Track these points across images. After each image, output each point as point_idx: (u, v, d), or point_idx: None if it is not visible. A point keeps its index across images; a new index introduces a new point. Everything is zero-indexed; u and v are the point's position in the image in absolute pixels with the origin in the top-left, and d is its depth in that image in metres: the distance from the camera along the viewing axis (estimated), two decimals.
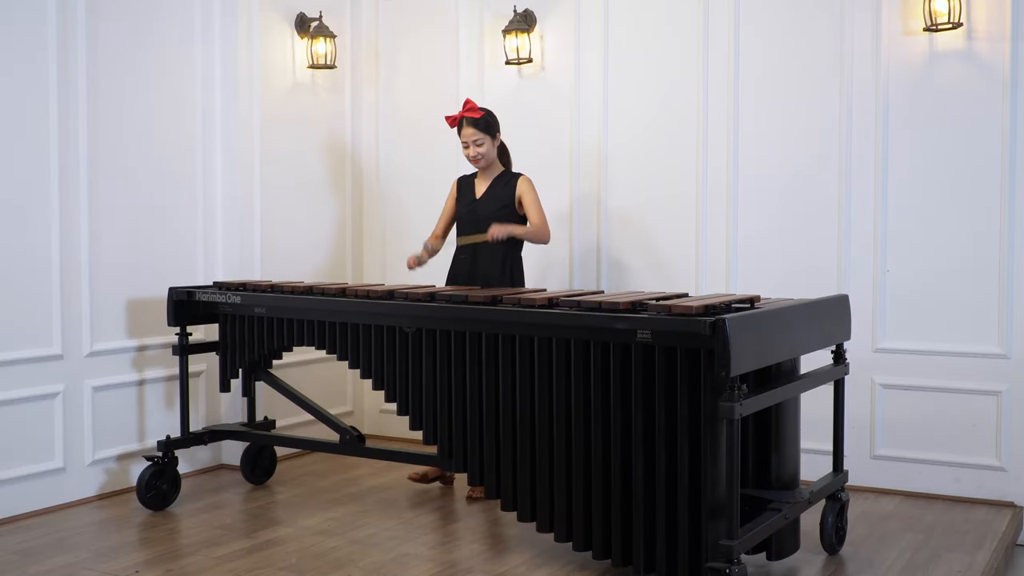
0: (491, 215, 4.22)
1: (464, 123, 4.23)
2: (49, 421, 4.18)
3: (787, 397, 3.23)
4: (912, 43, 4.24)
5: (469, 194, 4.34)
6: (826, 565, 3.43)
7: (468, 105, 4.25)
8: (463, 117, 4.23)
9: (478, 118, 4.21)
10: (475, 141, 4.22)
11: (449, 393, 3.57)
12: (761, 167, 4.57)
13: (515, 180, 4.27)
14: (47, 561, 3.52)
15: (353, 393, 5.58)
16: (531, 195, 4.24)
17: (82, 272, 4.29)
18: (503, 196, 4.25)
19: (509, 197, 4.24)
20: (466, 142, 4.24)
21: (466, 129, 4.22)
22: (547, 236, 4.25)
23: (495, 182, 4.30)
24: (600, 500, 3.16)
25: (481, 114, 4.22)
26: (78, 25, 4.24)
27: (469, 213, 4.29)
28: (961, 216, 4.18)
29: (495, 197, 4.26)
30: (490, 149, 4.26)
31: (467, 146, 4.25)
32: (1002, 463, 4.12)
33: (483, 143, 4.22)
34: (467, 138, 4.23)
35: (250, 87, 4.90)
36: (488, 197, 4.28)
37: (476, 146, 4.22)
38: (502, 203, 4.24)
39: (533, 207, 4.23)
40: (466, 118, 4.22)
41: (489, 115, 4.26)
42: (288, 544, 3.69)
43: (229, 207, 4.88)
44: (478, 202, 4.29)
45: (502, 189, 4.27)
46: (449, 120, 4.29)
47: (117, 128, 4.43)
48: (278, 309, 4.08)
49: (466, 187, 4.38)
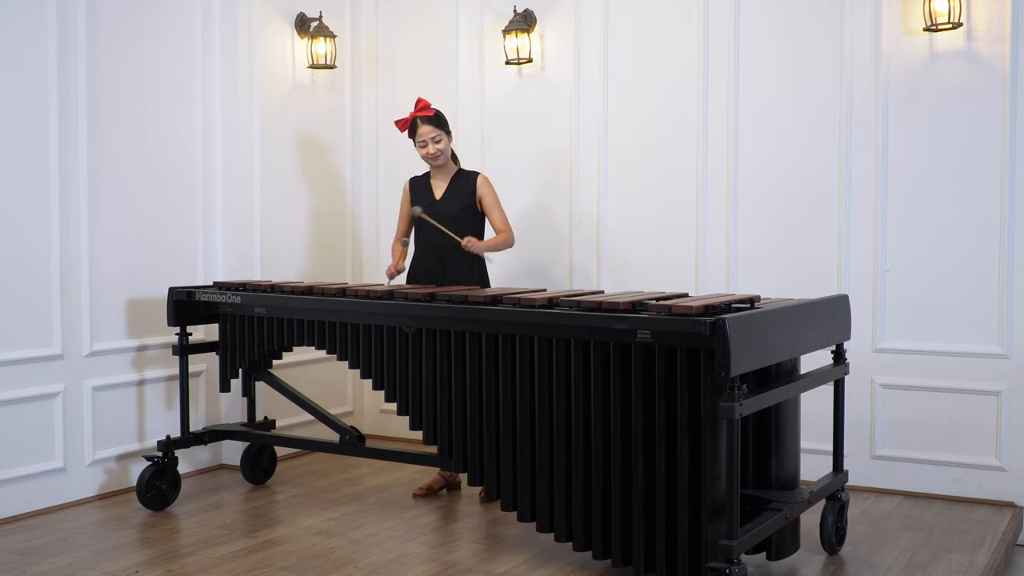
0: (454, 215, 4.20)
1: (419, 122, 4.20)
2: (49, 421, 4.18)
3: (787, 397, 3.23)
4: (912, 43, 4.24)
5: (427, 195, 4.30)
6: (826, 565, 3.43)
7: (420, 104, 4.23)
8: (416, 117, 4.21)
9: (432, 115, 4.19)
10: (433, 138, 4.19)
11: (449, 393, 3.57)
12: (761, 166, 4.57)
13: (474, 179, 4.26)
14: (47, 561, 3.52)
15: (353, 393, 5.58)
16: (492, 196, 4.25)
17: (82, 272, 4.29)
18: (464, 196, 4.24)
19: (470, 196, 4.24)
20: (424, 141, 4.20)
21: (423, 128, 4.19)
22: (512, 241, 4.29)
23: (453, 181, 4.28)
24: (600, 500, 3.16)
25: (434, 111, 4.21)
26: (78, 25, 4.24)
27: (431, 215, 4.23)
28: (961, 216, 4.18)
29: (457, 197, 4.25)
30: (447, 145, 4.24)
31: (425, 145, 4.20)
32: (1002, 463, 4.12)
33: (441, 139, 4.20)
34: (424, 136, 4.19)
35: (250, 87, 4.90)
36: (449, 197, 4.26)
37: (434, 143, 4.19)
38: (464, 203, 4.23)
39: (495, 209, 4.24)
40: (420, 117, 4.20)
41: (440, 112, 4.25)
42: (288, 544, 3.69)
43: (229, 207, 4.88)
44: (439, 203, 4.26)
45: (462, 188, 4.25)
46: (399, 124, 4.26)
47: (117, 128, 4.43)
48: (278, 309, 4.08)
49: (421, 188, 4.34)
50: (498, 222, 4.25)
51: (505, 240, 4.24)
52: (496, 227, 4.26)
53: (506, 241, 4.25)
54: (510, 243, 4.28)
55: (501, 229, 4.24)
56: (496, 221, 4.25)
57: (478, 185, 4.25)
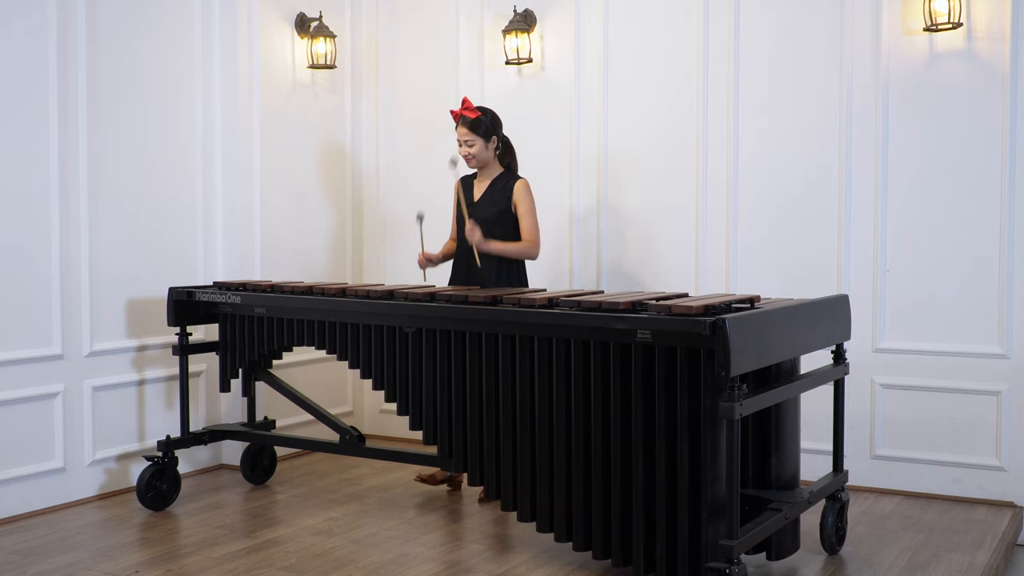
0: (487, 219, 4.18)
1: (459, 122, 4.21)
2: (49, 421, 4.18)
3: (787, 397, 3.23)
4: (912, 43, 4.24)
5: (469, 196, 4.31)
6: (826, 565, 3.43)
7: (465, 104, 4.21)
8: (460, 115, 4.21)
9: (472, 119, 4.17)
10: (466, 142, 4.18)
11: (449, 393, 3.57)
12: (761, 166, 4.57)
13: (513, 183, 4.22)
14: (47, 561, 3.52)
15: (353, 393, 5.58)
16: (526, 203, 4.18)
17: (82, 272, 4.29)
18: (500, 200, 4.20)
19: (506, 201, 4.19)
20: (459, 141, 4.22)
21: (459, 129, 4.20)
22: (535, 253, 4.18)
23: (492, 184, 4.26)
24: (600, 500, 3.16)
25: (476, 115, 4.16)
26: (78, 25, 4.24)
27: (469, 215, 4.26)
28: (961, 216, 4.18)
29: (492, 200, 4.22)
30: (481, 151, 4.19)
31: (460, 145, 4.23)
32: (1002, 463, 4.12)
33: (474, 144, 4.18)
34: (460, 137, 4.20)
35: (250, 87, 4.90)
36: (485, 200, 4.24)
37: (467, 147, 4.19)
38: (499, 207, 4.20)
39: (527, 218, 4.17)
40: (462, 117, 4.19)
41: (485, 116, 4.18)
42: (288, 544, 3.69)
43: (229, 207, 4.88)
44: (475, 205, 4.25)
45: (499, 192, 4.23)
46: (453, 114, 4.26)
47: (117, 128, 4.43)
48: (278, 309, 4.08)
49: (467, 188, 4.35)
50: (525, 230, 4.16)
51: (524, 249, 4.15)
52: (523, 235, 4.17)
53: (524, 250, 4.15)
54: (530, 254, 4.17)
55: (527, 237, 4.16)
56: (524, 228, 4.17)
57: (515, 190, 4.19)
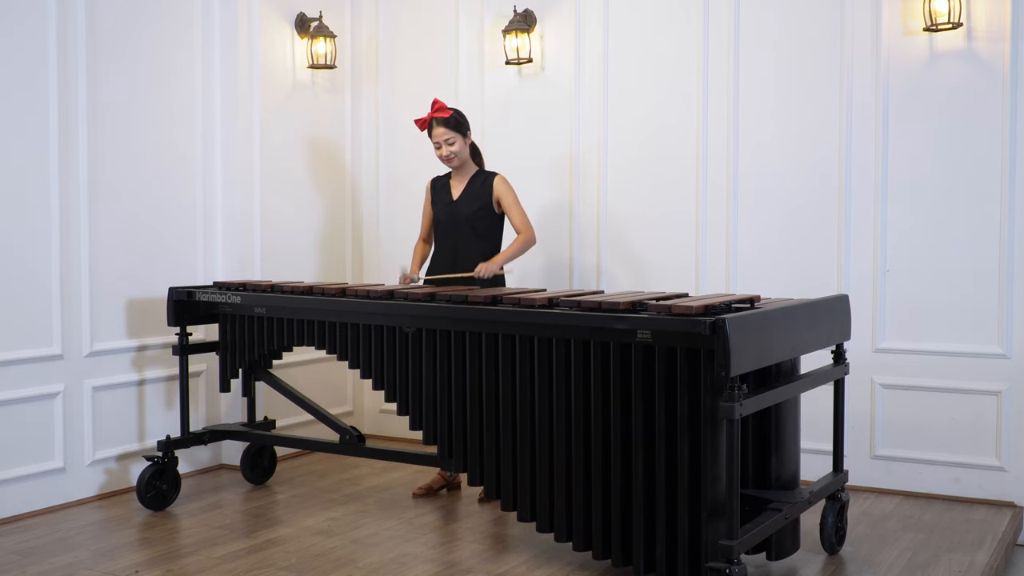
0: (470, 216, 4.23)
1: (434, 124, 4.22)
2: (49, 421, 4.18)
3: (787, 397, 3.23)
4: (912, 43, 4.24)
5: (445, 195, 4.33)
6: (826, 565, 3.43)
7: (436, 105, 4.24)
8: (432, 118, 4.22)
9: (447, 117, 4.20)
10: (447, 140, 4.21)
11: (449, 393, 3.57)
12: (761, 166, 4.57)
13: (491, 179, 4.27)
14: (47, 561, 3.52)
15: (353, 393, 5.58)
16: (510, 195, 4.25)
17: (82, 272, 4.29)
18: (480, 196, 4.24)
19: (487, 197, 4.24)
20: (438, 143, 4.22)
21: (436, 129, 4.21)
22: (532, 240, 4.26)
23: (471, 182, 4.29)
24: (600, 500, 3.16)
25: (450, 113, 4.21)
26: (78, 25, 4.24)
27: (448, 215, 4.28)
28: (961, 216, 4.18)
29: (473, 197, 4.25)
30: (462, 148, 4.25)
31: (439, 147, 4.23)
32: (1002, 463, 4.12)
33: (455, 142, 4.21)
34: (438, 138, 4.21)
35: (250, 87, 4.90)
36: (466, 198, 4.27)
37: (448, 145, 4.21)
38: (480, 204, 4.24)
39: (514, 208, 4.24)
40: (435, 119, 4.21)
41: (458, 114, 4.25)
42: (288, 544, 3.69)
43: (229, 207, 4.88)
44: (456, 203, 4.28)
45: (479, 189, 4.26)
46: (419, 123, 4.27)
47: (117, 128, 4.43)
48: (278, 309, 4.08)
49: (441, 188, 4.37)
50: (517, 222, 4.24)
51: (523, 243, 4.22)
52: (515, 227, 4.24)
53: (524, 243, 4.22)
54: (529, 243, 4.25)
55: (520, 229, 4.23)
56: (515, 221, 4.24)
57: (495, 186, 4.25)
